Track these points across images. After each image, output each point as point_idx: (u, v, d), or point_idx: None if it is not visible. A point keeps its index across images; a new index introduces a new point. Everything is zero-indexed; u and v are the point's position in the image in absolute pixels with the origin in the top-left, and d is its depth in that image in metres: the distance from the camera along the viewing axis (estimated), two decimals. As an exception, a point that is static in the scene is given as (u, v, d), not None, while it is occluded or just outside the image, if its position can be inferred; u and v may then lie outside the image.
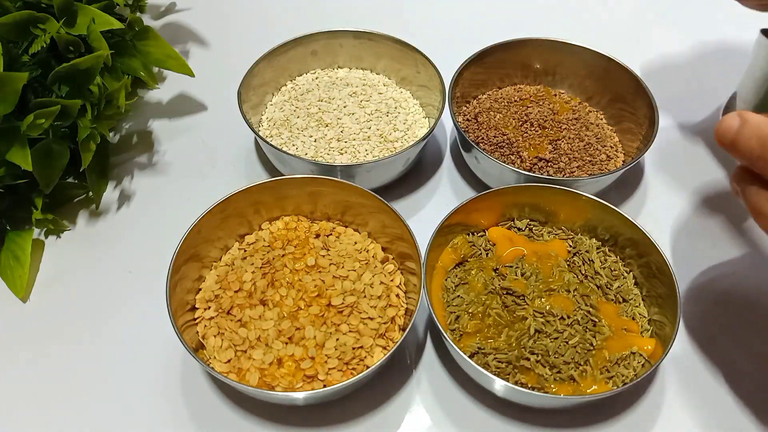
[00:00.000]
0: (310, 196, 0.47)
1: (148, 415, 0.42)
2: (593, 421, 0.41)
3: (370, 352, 0.41)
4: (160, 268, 0.41)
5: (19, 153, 0.44)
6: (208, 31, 0.69)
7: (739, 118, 0.33)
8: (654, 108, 0.51)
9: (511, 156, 0.52)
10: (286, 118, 0.55)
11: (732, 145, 0.33)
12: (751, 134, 0.32)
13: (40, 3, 0.49)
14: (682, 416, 0.42)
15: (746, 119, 0.33)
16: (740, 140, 0.33)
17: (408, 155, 0.51)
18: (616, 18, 0.72)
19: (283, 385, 0.39)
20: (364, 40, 0.58)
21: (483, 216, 0.47)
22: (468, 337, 0.42)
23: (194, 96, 0.62)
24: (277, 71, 0.57)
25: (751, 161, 0.33)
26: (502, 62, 0.57)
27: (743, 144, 0.32)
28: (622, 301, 0.44)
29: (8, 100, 0.43)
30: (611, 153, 0.53)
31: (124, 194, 0.54)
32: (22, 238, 0.48)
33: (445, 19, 0.72)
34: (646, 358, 0.41)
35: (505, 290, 0.43)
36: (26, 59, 0.46)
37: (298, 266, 0.44)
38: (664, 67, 0.65)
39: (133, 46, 0.55)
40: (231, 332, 0.41)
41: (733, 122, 0.33)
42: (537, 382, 0.40)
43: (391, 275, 0.45)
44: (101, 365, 0.44)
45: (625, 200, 0.54)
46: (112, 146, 0.58)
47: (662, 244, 0.43)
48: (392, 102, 0.57)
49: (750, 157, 0.32)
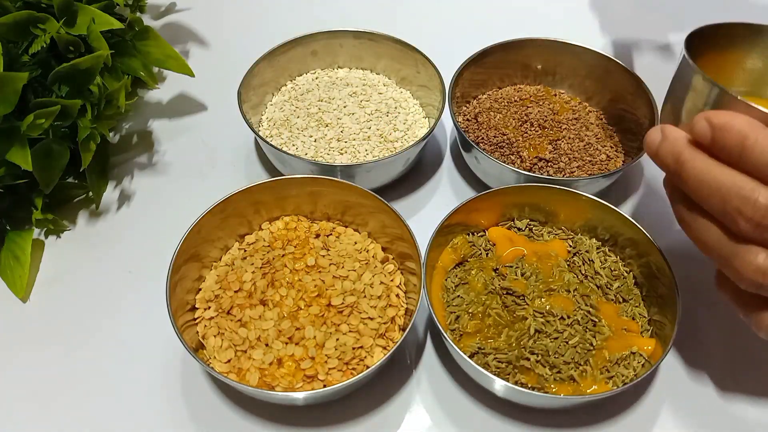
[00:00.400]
0: (310, 196, 0.47)
1: (148, 415, 0.42)
2: (593, 421, 0.41)
3: (370, 352, 0.41)
4: (160, 268, 0.41)
5: (19, 153, 0.44)
6: (208, 31, 0.69)
7: (660, 133, 0.35)
8: (654, 108, 0.51)
9: (511, 156, 0.52)
10: (286, 118, 0.55)
11: (654, 158, 0.35)
12: (667, 151, 0.34)
13: (40, 3, 0.49)
14: (682, 416, 0.42)
15: (666, 135, 0.35)
16: (659, 154, 0.35)
17: (408, 155, 0.51)
18: (616, 18, 0.72)
19: (283, 385, 0.39)
20: (364, 40, 0.58)
21: (483, 216, 0.47)
22: (468, 337, 0.42)
23: (194, 96, 0.62)
24: (277, 71, 0.57)
25: (669, 174, 0.35)
26: (502, 62, 0.57)
27: (662, 159, 0.35)
28: (622, 301, 0.44)
29: (8, 100, 0.43)
30: (611, 153, 0.53)
31: (124, 194, 0.54)
32: (22, 238, 0.48)
33: (445, 19, 0.72)
34: (646, 358, 0.41)
35: (505, 290, 0.43)
36: (26, 59, 0.46)
37: (298, 266, 0.45)
38: (664, 67, 0.65)
39: (133, 46, 0.55)
40: (231, 332, 0.41)
41: (656, 136, 0.35)
42: (537, 382, 0.40)
43: (391, 275, 0.45)
44: (101, 365, 0.44)
45: (625, 200, 0.54)
46: (112, 146, 0.58)
47: (662, 244, 0.43)
48: (392, 102, 0.57)
49: (667, 171, 0.35)
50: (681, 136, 0.34)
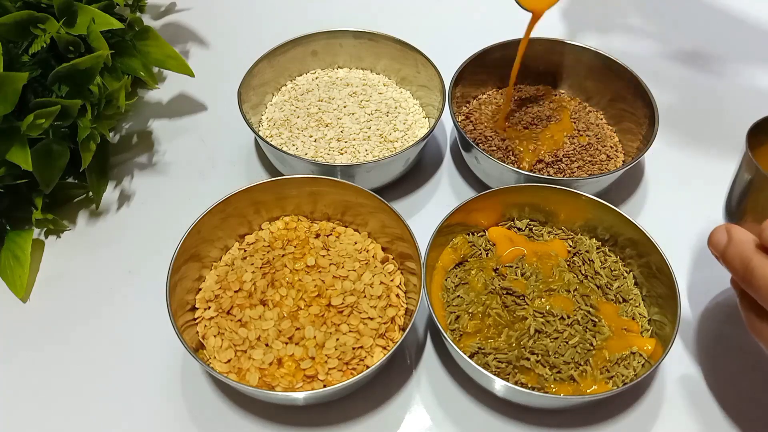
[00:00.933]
0: (310, 196, 0.47)
1: (148, 415, 0.42)
2: (593, 421, 0.41)
3: (370, 352, 0.41)
4: (160, 268, 0.41)
5: (19, 153, 0.44)
6: (208, 31, 0.69)
7: (726, 234, 0.34)
8: (654, 108, 0.51)
9: (511, 156, 0.52)
10: (286, 118, 0.55)
11: (722, 259, 0.35)
12: (734, 254, 0.33)
13: (40, 3, 0.49)
14: (681, 416, 0.42)
15: (731, 236, 0.34)
16: (726, 258, 0.34)
17: (408, 155, 0.51)
18: (616, 18, 0.72)
19: (283, 385, 0.39)
20: (364, 40, 0.58)
21: (483, 216, 0.47)
22: (468, 337, 0.42)
23: (194, 96, 0.62)
24: (277, 71, 0.57)
25: (738, 279, 0.34)
26: (502, 62, 0.57)
27: (729, 262, 0.34)
28: (622, 301, 0.44)
29: (8, 100, 0.43)
30: (611, 153, 0.53)
31: (124, 194, 0.54)
32: (22, 238, 0.48)
33: (444, 18, 0.72)
34: (646, 358, 0.41)
35: (505, 290, 0.43)
36: (26, 59, 0.46)
37: (298, 266, 0.45)
38: (663, 67, 0.65)
39: (133, 46, 0.55)
40: (231, 332, 0.41)
41: (721, 238, 0.35)
42: (537, 382, 0.40)
43: (391, 275, 0.45)
44: (101, 365, 0.44)
45: (625, 200, 0.54)
46: (112, 146, 0.58)
47: (662, 244, 0.43)
48: (392, 102, 0.57)
49: (735, 275, 0.34)
50: (748, 239, 0.33)
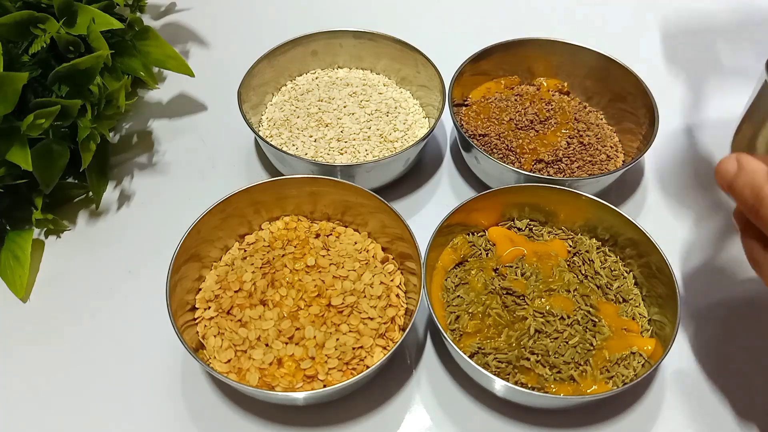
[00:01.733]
0: (310, 196, 0.47)
1: (148, 415, 0.42)
2: (593, 421, 0.41)
3: (370, 352, 0.41)
4: (160, 268, 0.41)
5: (19, 153, 0.44)
6: (208, 31, 0.69)
7: (737, 163, 0.32)
8: (654, 108, 0.51)
9: (510, 156, 0.52)
10: (286, 118, 0.55)
11: (729, 190, 0.33)
12: (745, 183, 0.32)
13: (40, 3, 0.49)
14: (681, 416, 0.42)
15: (742, 165, 0.32)
16: (735, 187, 0.32)
17: (408, 155, 0.51)
18: (616, 18, 0.72)
19: (283, 385, 0.39)
20: (364, 40, 0.58)
21: (483, 216, 0.47)
22: (468, 337, 0.42)
23: (194, 96, 0.62)
24: (277, 71, 0.57)
25: (745, 210, 0.32)
26: (502, 62, 0.57)
27: (738, 192, 0.32)
28: (622, 301, 0.44)
29: (8, 100, 0.43)
30: (611, 153, 0.53)
31: (124, 194, 0.54)
32: (22, 238, 0.48)
33: (445, 19, 0.72)
34: (646, 358, 0.41)
35: (505, 290, 0.43)
36: (26, 59, 0.46)
37: (298, 266, 0.45)
38: (664, 67, 0.65)
39: (133, 46, 0.55)
40: (231, 332, 0.41)
41: (731, 167, 0.32)
42: (537, 382, 0.40)
43: (391, 275, 0.45)
44: (101, 365, 0.44)
45: (625, 200, 0.54)
46: (112, 146, 0.58)
47: (662, 244, 0.43)
48: (392, 102, 0.57)
49: (744, 205, 0.32)
50: (761, 168, 0.31)
